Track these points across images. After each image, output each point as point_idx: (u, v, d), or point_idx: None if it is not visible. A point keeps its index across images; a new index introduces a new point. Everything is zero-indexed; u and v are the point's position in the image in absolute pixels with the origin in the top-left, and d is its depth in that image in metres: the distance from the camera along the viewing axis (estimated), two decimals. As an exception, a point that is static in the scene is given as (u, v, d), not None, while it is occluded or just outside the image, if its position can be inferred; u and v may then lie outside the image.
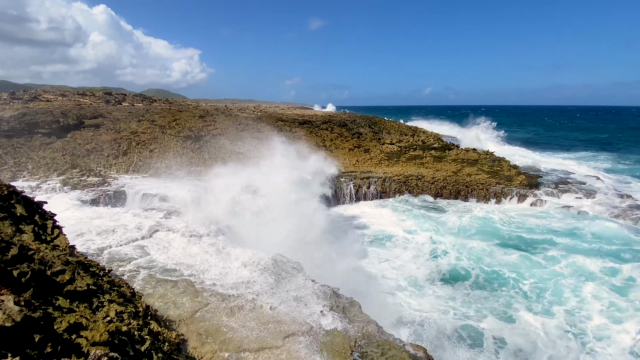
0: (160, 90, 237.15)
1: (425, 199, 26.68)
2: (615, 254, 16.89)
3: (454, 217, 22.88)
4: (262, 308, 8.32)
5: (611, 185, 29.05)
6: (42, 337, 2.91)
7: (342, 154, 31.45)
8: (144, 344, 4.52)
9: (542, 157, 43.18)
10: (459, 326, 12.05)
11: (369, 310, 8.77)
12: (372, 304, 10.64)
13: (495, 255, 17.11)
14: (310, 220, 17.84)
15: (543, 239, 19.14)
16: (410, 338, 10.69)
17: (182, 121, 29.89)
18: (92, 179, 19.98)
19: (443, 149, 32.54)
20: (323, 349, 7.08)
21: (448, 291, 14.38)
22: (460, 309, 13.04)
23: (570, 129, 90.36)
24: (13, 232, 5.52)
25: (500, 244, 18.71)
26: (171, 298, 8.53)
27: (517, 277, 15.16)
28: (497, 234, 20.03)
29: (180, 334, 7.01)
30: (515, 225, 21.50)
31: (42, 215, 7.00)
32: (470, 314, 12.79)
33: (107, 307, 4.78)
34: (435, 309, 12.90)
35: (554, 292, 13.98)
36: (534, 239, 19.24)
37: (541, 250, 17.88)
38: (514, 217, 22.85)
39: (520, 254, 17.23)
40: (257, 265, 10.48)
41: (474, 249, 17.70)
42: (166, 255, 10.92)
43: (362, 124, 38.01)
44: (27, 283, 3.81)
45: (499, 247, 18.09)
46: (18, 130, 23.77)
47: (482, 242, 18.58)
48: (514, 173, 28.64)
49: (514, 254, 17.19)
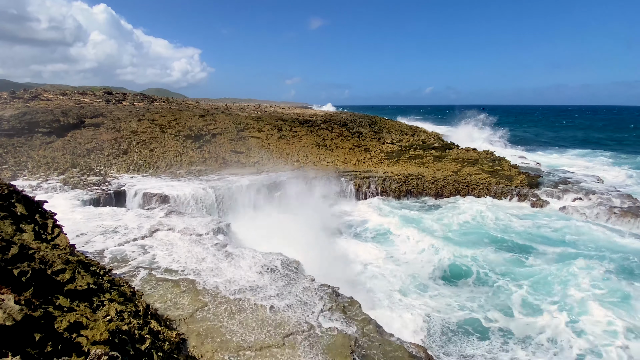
0: (161, 89, 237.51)
1: (424, 199, 26.72)
2: (607, 257, 16.82)
3: (450, 213, 22.99)
4: (262, 307, 8.33)
5: (611, 185, 29.05)
6: (42, 336, 2.91)
7: (343, 153, 31.43)
8: (144, 343, 4.53)
9: (542, 157, 43.19)
10: (462, 321, 12.22)
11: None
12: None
13: (489, 256, 17.12)
14: (313, 218, 17.96)
15: (541, 240, 19.13)
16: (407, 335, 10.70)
17: (183, 120, 29.89)
18: (93, 178, 19.99)
19: (443, 148, 32.54)
20: (323, 349, 7.08)
21: (447, 290, 14.43)
22: (465, 304, 13.31)
23: (571, 129, 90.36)
24: (13, 231, 5.52)
25: (494, 243, 18.76)
26: (171, 298, 8.54)
27: (513, 277, 15.21)
28: (490, 235, 20.03)
29: (180, 333, 7.02)
30: (512, 225, 21.51)
31: (43, 215, 7.00)
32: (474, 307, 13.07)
33: (108, 306, 4.78)
34: (436, 307, 12.98)
35: (549, 292, 14.03)
36: (531, 239, 19.25)
37: (540, 251, 17.88)
38: (513, 216, 22.84)
39: (515, 255, 17.25)
40: (257, 265, 10.49)
41: (469, 248, 17.71)
42: (168, 255, 10.93)
43: (362, 124, 38.00)
44: (28, 282, 3.81)
45: (494, 248, 18.11)
46: (18, 130, 23.77)
47: (476, 243, 18.67)
48: (514, 173, 28.64)
49: (507, 255, 17.24)
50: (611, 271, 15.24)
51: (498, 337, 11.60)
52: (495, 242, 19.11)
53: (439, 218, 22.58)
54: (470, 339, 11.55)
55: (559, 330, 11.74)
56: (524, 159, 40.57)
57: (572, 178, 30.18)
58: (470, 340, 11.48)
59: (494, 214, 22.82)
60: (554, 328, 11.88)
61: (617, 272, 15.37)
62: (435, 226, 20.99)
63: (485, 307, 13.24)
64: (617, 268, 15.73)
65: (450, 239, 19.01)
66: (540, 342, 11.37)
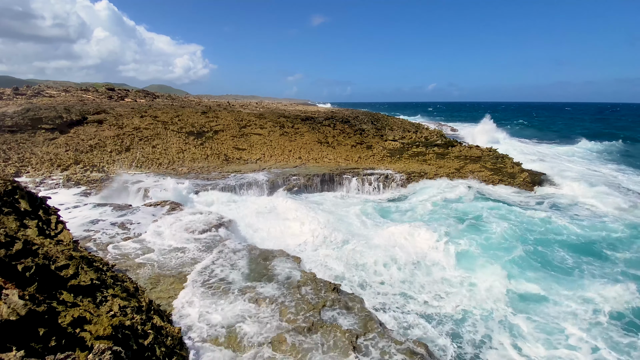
0: (163, 86, 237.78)
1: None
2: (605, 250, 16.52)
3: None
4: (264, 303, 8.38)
5: (616, 181, 28.90)
6: (46, 331, 2.94)
7: (345, 150, 31.39)
8: (147, 338, 4.56)
9: (546, 154, 42.94)
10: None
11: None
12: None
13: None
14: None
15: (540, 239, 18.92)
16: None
17: (185, 117, 29.91)
18: (95, 175, 20.09)
19: (446, 145, 32.41)
20: (324, 344, 7.12)
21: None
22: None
23: (575, 126, 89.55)
24: (17, 227, 5.56)
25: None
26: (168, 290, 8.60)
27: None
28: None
29: (182, 329, 7.07)
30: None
31: (46, 211, 7.05)
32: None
33: (111, 302, 4.82)
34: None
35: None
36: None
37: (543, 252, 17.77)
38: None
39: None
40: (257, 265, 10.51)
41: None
42: (167, 253, 10.99)
43: (364, 121, 37.89)
44: (32, 277, 3.84)
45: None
46: (22, 126, 23.87)
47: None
48: (517, 170, 28.51)
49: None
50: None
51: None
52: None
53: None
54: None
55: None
56: (527, 155, 40.32)
57: (575, 176, 29.96)
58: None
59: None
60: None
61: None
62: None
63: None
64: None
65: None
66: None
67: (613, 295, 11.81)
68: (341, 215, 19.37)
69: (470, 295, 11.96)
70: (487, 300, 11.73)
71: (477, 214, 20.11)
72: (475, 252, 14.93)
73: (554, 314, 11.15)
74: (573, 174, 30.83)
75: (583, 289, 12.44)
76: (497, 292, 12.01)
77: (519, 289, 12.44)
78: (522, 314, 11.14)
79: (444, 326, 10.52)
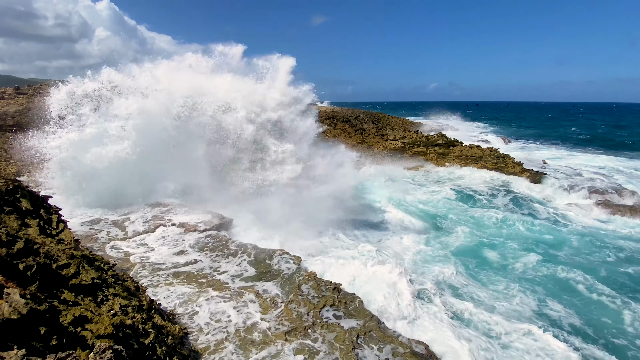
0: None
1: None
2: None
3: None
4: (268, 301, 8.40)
5: (617, 182, 28.81)
6: (47, 329, 2.95)
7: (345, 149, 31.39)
8: (147, 337, 4.58)
9: (547, 154, 42.87)
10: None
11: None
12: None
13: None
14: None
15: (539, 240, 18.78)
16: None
17: (186, 116, 29.89)
18: (97, 174, 20.09)
19: (447, 145, 32.37)
20: (325, 343, 7.13)
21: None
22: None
23: (575, 126, 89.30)
24: (19, 226, 5.58)
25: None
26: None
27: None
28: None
29: (184, 327, 7.09)
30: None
31: (47, 210, 7.07)
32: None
33: (112, 301, 4.84)
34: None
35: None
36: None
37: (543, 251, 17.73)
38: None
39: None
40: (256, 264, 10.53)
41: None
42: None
43: (365, 120, 37.87)
44: (33, 276, 3.86)
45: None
46: (23, 125, 23.89)
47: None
48: (519, 170, 28.46)
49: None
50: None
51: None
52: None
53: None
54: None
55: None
56: (528, 155, 40.26)
57: (577, 175, 29.88)
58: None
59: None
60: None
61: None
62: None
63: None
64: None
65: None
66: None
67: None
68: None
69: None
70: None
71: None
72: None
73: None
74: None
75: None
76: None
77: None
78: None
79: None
